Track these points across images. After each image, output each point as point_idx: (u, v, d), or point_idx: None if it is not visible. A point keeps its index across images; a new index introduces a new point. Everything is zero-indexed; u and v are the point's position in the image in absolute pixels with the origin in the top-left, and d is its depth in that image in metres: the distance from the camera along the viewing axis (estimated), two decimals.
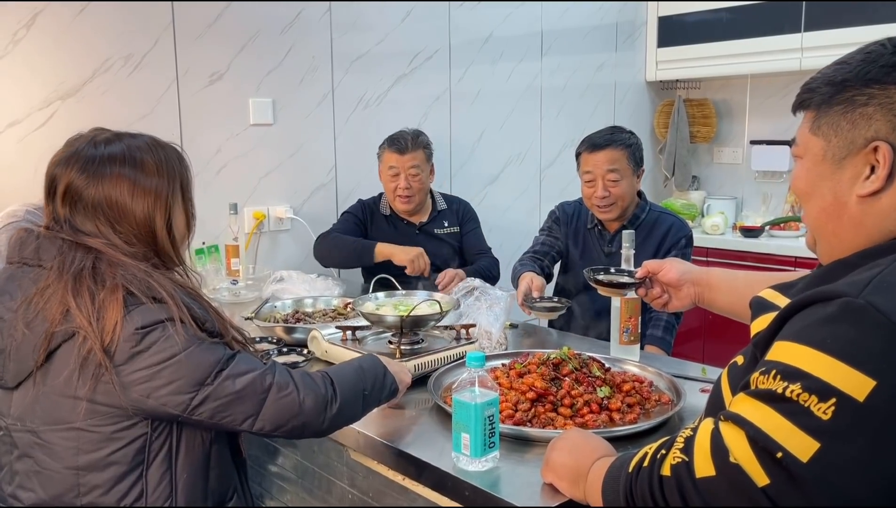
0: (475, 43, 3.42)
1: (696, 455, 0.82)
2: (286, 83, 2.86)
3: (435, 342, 1.79)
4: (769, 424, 0.77)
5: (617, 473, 0.96)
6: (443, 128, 3.37)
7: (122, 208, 1.24)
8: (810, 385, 0.76)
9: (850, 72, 0.90)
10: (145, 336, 1.14)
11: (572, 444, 1.12)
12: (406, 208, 2.69)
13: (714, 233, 3.88)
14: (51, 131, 2.34)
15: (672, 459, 0.85)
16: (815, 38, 3.46)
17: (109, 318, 1.13)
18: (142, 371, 1.14)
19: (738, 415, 0.81)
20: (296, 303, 2.20)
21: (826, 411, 0.74)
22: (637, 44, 4.15)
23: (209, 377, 1.17)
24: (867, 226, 0.89)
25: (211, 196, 2.70)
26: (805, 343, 0.79)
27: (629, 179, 2.29)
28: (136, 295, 1.16)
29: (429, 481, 1.27)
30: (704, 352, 3.60)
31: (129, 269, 1.19)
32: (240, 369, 1.20)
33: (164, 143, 1.33)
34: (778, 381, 0.78)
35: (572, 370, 1.47)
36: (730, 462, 0.79)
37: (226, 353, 1.21)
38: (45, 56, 2.34)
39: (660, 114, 4.35)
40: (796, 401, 0.76)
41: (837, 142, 0.91)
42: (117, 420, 1.17)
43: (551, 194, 3.65)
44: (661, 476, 0.86)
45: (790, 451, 0.75)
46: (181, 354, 1.15)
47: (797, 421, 0.75)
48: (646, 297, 1.56)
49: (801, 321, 0.82)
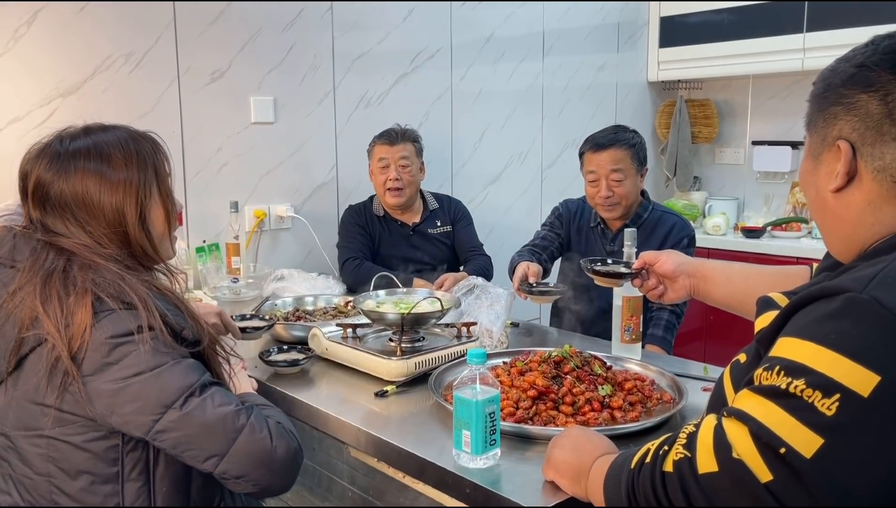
0: (477, 42, 3.41)
1: (699, 450, 0.82)
2: (287, 82, 2.85)
3: (436, 340, 1.78)
4: (773, 420, 0.77)
5: (619, 470, 0.96)
6: (444, 127, 3.37)
7: (90, 205, 1.19)
8: (814, 381, 0.75)
9: (831, 71, 0.94)
10: (116, 348, 1.09)
11: (574, 441, 1.11)
12: (396, 201, 2.65)
13: (716, 233, 3.87)
14: (51, 129, 2.30)
15: (674, 455, 0.85)
16: (818, 39, 3.46)
17: (78, 324, 1.09)
18: (108, 384, 1.09)
19: (742, 411, 0.80)
20: (296, 301, 2.19)
21: (830, 406, 0.74)
22: (639, 44, 4.14)
23: (177, 401, 1.10)
24: (847, 220, 0.93)
25: (212, 194, 2.70)
26: (809, 339, 0.78)
27: (633, 179, 2.29)
28: (104, 300, 1.11)
29: (430, 479, 1.26)
30: (706, 353, 3.60)
31: (101, 272, 1.14)
32: (214, 400, 1.12)
33: (140, 134, 1.27)
34: (782, 377, 0.78)
35: (574, 368, 1.47)
36: (733, 458, 0.78)
37: (202, 379, 1.14)
38: (46, 54, 2.34)
39: (661, 114, 4.34)
40: (800, 397, 0.76)
41: (815, 139, 0.96)
42: (86, 430, 1.14)
43: (552, 195, 3.64)
44: (663, 473, 0.85)
45: (794, 447, 0.74)
46: (149, 372, 1.09)
47: (801, 417, 0.75)
48: (641, 288, 1.57)
49: (804, 317, 0.82)
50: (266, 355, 1.75)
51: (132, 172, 1.22)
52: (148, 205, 1.24)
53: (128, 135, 1.26)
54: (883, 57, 0.89)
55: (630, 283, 1.60)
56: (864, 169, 0.89)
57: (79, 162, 1.20)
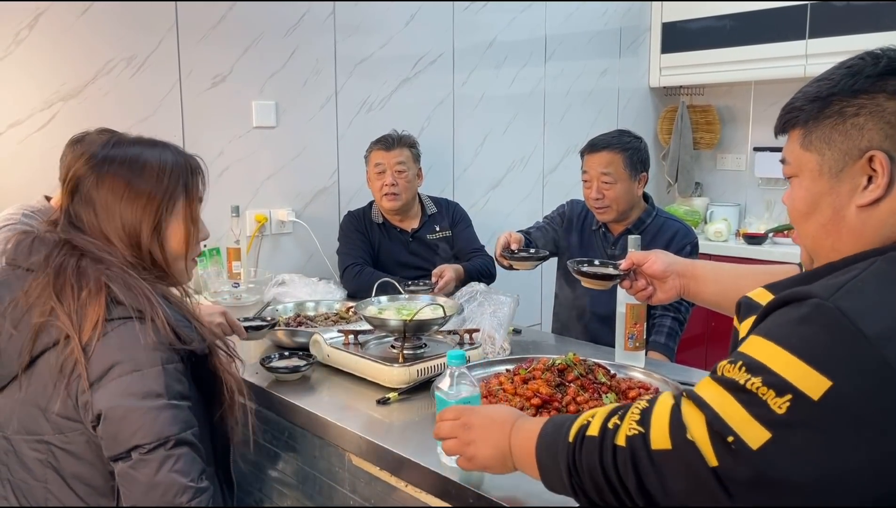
0: (479, 47, 3.41)
1: (654, 427, 0.85)
2: (289, 86, 2.85)
3: (438, 346, 1.77)
4: (727, 410, 0.80)
5: (552, 438, 0.97)
6: (446, 132, 3.36)
7: (110, 209, 1.22)
8: (770, 380, 0.79)
9: (835, 86, 0.92)
10: (118, 364, 1.10)
11: (479, 432, 1.09)
12: (392, 206, 2.64)
13: (717, 239, 3.86)
14: (52, 132, 2.32)
15: (628, 430, 0.87)
16: (820, 45, 3.45)
17: (90, 316, 1.11)
18: (102, 400, 1.09)
19: (701, 398, 0.84)
20: (297, 306, 2.18)
21: (781, 405, 0.77)
22: (641, 49, 4.14)
23: (146, 445, 1.08)
24: (866, 236, 0.90)
25: (213, 198, 2.63)
26: (772, 340, 0.81)
27: (625, 184, 2.28)
28: (119, 303, 1.13)
29: (432, 488, 1.25)
30: (707, 359, 3.58)
31: (112, 268, 1.17)
32: (176, 463, 1.09)
33: (183, 154, 1.31)
34: (742, 372, 0.81)
35: (577, 377, 1.45)
36: (686, 439, 0.82)
37: (181, 435, 1.10)
38: (48, 57, 2.33)
39: (663, 120, 4.34)
40: (755, 393, 0.79)
41: (832, 155, 0.92)
42: (86, 439, 1.13)
43: (554, 200, 3.62)
44: (615, 446, 0.87)
45: (742, 437, 0.78)
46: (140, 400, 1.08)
47: (753, 412, 0.78)
48: (630, 289, 1.55)
49: (774, 320, 0.84)
50: (267, 361, 1.74)
51: (160, 186, 1.25)
52: (167, 221, 1.26)
53: (170, 152, 1.29)
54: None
55: (618, 284, 1.58)
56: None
57: (113, 167, 1.23)
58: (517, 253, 2.14)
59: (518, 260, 2.13)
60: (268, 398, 1.65)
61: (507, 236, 2.20)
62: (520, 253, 2.14)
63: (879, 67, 0.90)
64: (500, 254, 2.15)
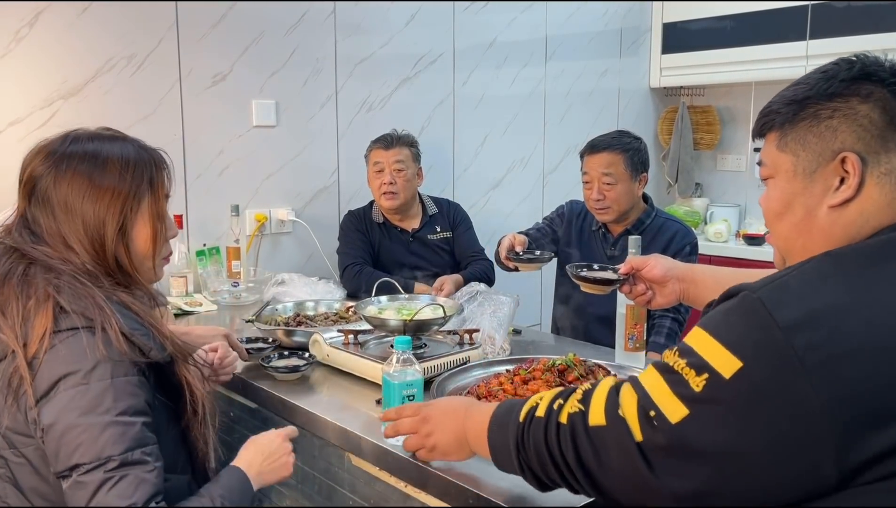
0: (479, 47, 3.41)
1: (592, 405, 0.92)
2: (290, 85, 2.84)
3: (438, 346, 1.77)
4: (654, 389, 0.87)
5: (504, 420, 1.04)
6: (446, 132, 3.36)
7: (70, 208, 1.14)
8: (692, 361, 0.85)
9: (810, 89, 0.95)
10: (66, 377, 1.04)
11: (437, 422, 1.18)
12: (390, 204, 2.63)
13: (717, 240, 3.86)
14: (52, 131, 2.25)
15: (570, 408, 0.94)
16: (820, 46, 3.45)
17: (37, 328, 1.05)
18: (48, 415, 1.03)
19: (638, 380, 0.91)
20: (297, 306, 2.18)
21: (699, 384, 0.83)
22: (641, 50, 4.14)
23: (85, 465, 1.01)
24: (834, 235, 0.93)
25: (213, 197, 2.69)
26: (702, 327, 0.87)
27: (626, 184, 2.27)
28: (67, 314, 1.06)
29: (432, 489, 1.25)
30: None
31: (62, 277, 1.10)
32: (115, 487, 1.00)
33: (146, 148, 1.23)
34: (676, 357, 0.88)
35: (578, 377, 1.45)
36: (618, 415, 0.89)
37: (124, 456, 1.02)
38: (48, 55, 2.33)
39: (663, 120, 4.34)
40: (679, 373, 0.85)
41: (806, 156, 0.95)
42: (41, 453, 1.07)
43: (554, 200, 3.62)
44: (558, 423, 0.94)
45: (663, 412, 0.85)
46: (85, 416, 1.02)
47: (675, 390, 0.85)
48: (629, 294, 1.55)
49: (712, 312, 0.90)
50: (266, 360, 1.74)
51: (124, 182, 1.17)
52: (133, 219, 1.19)
53: (132, 147, 1.22)
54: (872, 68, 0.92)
55: (618, 290, 1.58)
56: (869, 178, 0.91)
57: (72, 163, 1.16)
58: (522, 255, 2.13)
59: (523, 262, 2.13)
60: (267, 398, 1.65)
61: (510, 237, 2.18)
62: (524, 255, 2.14)
63: (853, 72, 0.92)
64: (506, 256, 2.14)
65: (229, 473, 1.20)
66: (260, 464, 1.23)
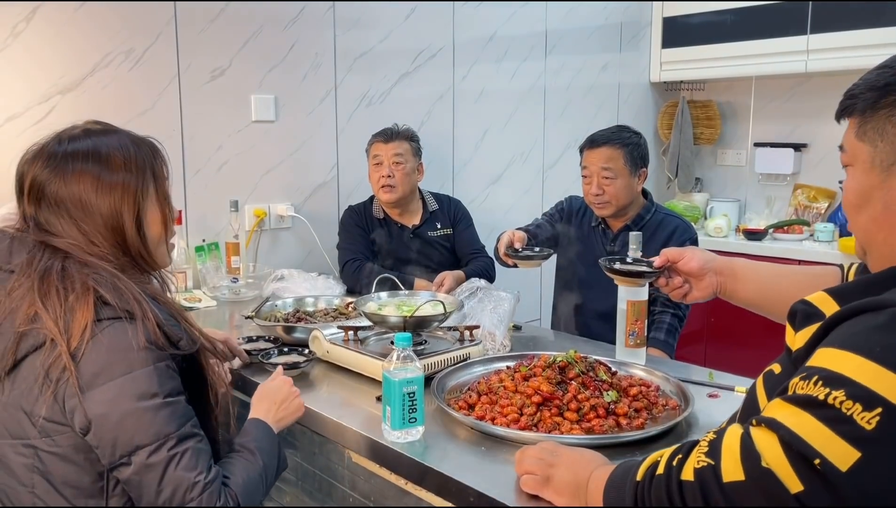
0: (479, 41, 3.39)
1: (724, 458, 0.80)
2: (289, 80, 2.83)
3: (438, 343, 1.76)
4: (807, 430, 0.75)
5: (620, 481, 0.94)
6: (446, 127, 3.35)
7: (86, 205, 1.18)
8: (855, 393, 0.73)
9: (892, 76, 0.89)
10: (111, 365, 1.08)
11: (568, 459, 1.09)
12: (389, 198, 2.62)
13: (717, 235, 3.86)
14: (50, 126, 2.24)
15: (695, 463, 0.82)
16: (821, 41, 3.43)
17: (78, 321, 1.09)
18: (94, 405, 1.08)
19: (773, 419, 0.78)
20: (297, 302, 2.17)
21: (870, 420, 0.72)
22: (641, 44, 4.13)
23: (149, 445, 1.08)
24: None
25: (212, 193, 2.68)
26: (851, 350, 0.76)
27: (625, 179, 2.27)
28: (108, 304, 1.11)
29: (431, 485, 1.24)
30: (706, 355, 3.58)
31: (98, 270, 1.14)
32: (181, 461, 1.09)
33: (140, 138, 1.28)
34: (819, 387, 0.76)
35: (579, 374, 1.45)
36: (761, 467, 0.76)
37: (182, 430, 1.10)
38: (45, 50, 2.32)
39: (663, 115, 4.33)
40: (839, 408, 0.74)
41: (884, 147, 0.89)
42: (73, 442, 1.11)
43: (554, 195, 3.62)
44: (681, 481, 0.83)
45: (829, 459, 0.73)
46: (136, 402, 1.07)
47: (837, 429, 0.73)
48: (665, 287, 1.50)
49: (848, 329, 0.80)
50: (266, 357, 1.73)
51: (130, 174, 1.22)
52: (145, 208, 1.24)
53: (128, 139, 1.26)
54: None
55: (652, 282, 1.54)
56: None
57: (77, 163, 1.19)
58: (521, 252, 2.13)
59: (521, 259, 2.12)
60: None
61: (510, 234, 2.17)
62: (524, 252, 2.13)
63: None
64: (504, 253, 2.13)
65: (254, 426, 1.31)
66: (276, 412, 1.36)
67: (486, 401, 1.42)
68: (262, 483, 1.23)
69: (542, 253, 2.13)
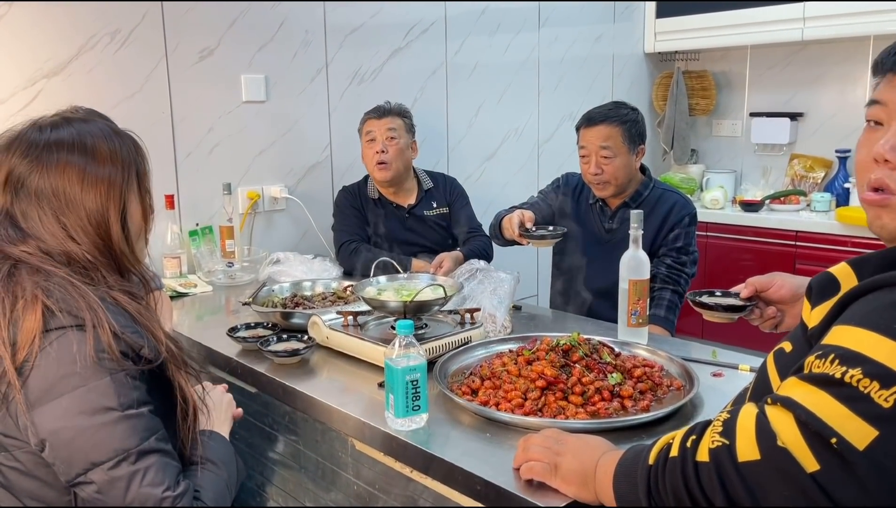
0: (472, 14, 3.33)
1: (739, 438, 0.79)
2: (279, 59, 2.78)
3: (439, 327, 1.74)
4: (823, 409, 0.74)
5: (631, 466, 0.93)
6: (439, 102, 3.30)
7: (69, 199, 1.12)
8: (872, 371, 0.72)
9: None
10: (62, 380, 1.01)
11: (573, 446, 1.08)
12: (383, 176, 2.57)
13: (714, 207, 3.84)
14: (36, 112, 2.20)
15: (710, 443, 0.81)
16: (818, 8, 3.37)
17: (25, 332, 1.01)
18: (47, 421, 1.01)
19: (789, 398, 0.77)
20: (294, 286, 2.15)
21: (888, 398, 0.71)
22: (635, 15, 4.07)
23: (107, 462, 1.01)
24: None
25: (204, 176, 2.64)
26: (868, 328, 0.75)
27: (624, 157, 2.24)
28: (56, 314, 1.03)
29: (436, 473, 1.23)
30: (704, 331, 3.58)
31: (50, 277, 1.07)
32: (146, 476, 1.02)
33: (121, 130, 1.23)
34: (836, 365, 0.75)
35: (582, 357, 1.43)
36: (777, 446, 0.75)
37: (142, 445, 1.03)
38: (28, 34, 2.25)
39: (658, 86, 4.28)
40: (855, 387, 0.73)
41: None
42: (34, 455, 1.05)
43: (549, 170, 3.60)
44: (696, 463, 0.82)
45: (846, 437, 0.72)
46: (90, 416, 1.00)
47: (855, 407, 0.72)
48: (759, 319, 1.41)
49: (864, 306, 0.78)
50: (265, 344, 1.71)
51: (116, 168, 1.17)
52: (129, 202, 1.19)
53: (110, 129, 1.20)
54: None
55: (745, 317, 1.42)
56: None
57: (62, 154, 1.13)
58: (534, 232, 2.10)
59: (537, 239, 2.10)
60: (267, 383, 1.63)
61: (519, 214, 2.13)
62: (538, 232, 2.11)
63: None
64: (519, 233, 2.10)
65: (211, 438, 1.26)
66: (221, 420, 1.34)
67: (489, 386, 1.40)
68: (229, 495, 1.19)
69: (555, 232, 2.11)
